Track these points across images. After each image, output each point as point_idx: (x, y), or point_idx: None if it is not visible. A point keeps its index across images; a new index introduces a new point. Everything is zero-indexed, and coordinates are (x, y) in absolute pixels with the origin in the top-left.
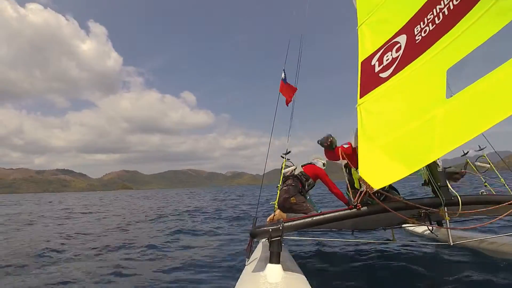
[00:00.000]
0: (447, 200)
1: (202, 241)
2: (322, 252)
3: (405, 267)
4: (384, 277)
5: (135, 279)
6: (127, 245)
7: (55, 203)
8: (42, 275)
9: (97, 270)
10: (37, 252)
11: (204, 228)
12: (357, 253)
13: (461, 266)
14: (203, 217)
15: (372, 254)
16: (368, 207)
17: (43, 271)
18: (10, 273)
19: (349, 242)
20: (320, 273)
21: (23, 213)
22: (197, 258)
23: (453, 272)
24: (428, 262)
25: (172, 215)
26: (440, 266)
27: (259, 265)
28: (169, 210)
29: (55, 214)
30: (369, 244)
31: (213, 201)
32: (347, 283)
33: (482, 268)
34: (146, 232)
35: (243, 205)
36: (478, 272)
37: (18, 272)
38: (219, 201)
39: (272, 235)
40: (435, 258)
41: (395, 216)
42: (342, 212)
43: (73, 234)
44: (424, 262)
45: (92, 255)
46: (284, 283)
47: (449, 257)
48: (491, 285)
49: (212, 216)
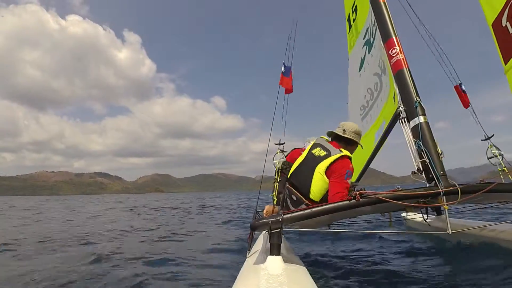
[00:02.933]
0: (446, 189)
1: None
2: (321, 243)
3: (404, 256)
4: (383, 266)
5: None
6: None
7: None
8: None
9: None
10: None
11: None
12: (356, 243)
13: (460, 254)
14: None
15: (371, 244)
16: (366, 198)
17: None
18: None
19: (348, 232)
20: (320, 264)
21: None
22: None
23: (451, 260)
24: (426, 251)
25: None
26: (439, 254)
27: (259, 257)
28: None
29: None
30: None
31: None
32: (347, 273)
33: (481, 256)
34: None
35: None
36: (477, 260)
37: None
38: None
39: (272, 227)
40: (434, 247)
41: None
42: (341, 203)
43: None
44: (422, 251)
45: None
46: (285, 274)
47: (448, 245)
48: (490, 273)
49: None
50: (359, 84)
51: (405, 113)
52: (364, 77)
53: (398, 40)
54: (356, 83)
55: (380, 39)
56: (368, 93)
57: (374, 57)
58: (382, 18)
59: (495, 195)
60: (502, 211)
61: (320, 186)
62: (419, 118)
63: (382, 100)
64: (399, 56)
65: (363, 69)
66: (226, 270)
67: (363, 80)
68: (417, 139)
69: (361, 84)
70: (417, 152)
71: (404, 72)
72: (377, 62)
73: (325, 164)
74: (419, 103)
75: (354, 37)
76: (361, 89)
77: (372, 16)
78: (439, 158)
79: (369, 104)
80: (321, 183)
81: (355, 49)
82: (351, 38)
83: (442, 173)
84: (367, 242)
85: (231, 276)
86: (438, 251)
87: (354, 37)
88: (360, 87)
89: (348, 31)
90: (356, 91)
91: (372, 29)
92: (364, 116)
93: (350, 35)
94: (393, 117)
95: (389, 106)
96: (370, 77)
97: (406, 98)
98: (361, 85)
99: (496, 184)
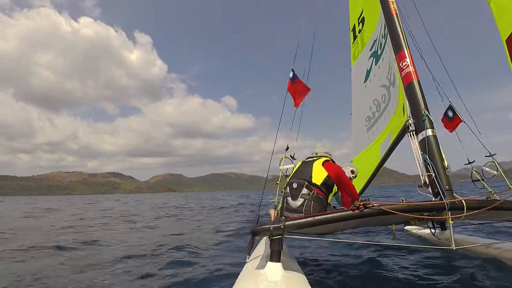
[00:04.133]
0: (451, 204)
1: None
2: (322, 252)
3: (405, 269)
4: (383, 279)
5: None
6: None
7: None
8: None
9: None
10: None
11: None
12: (357, 253)
13: (462, 272)
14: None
15: (373, 255)
16: (370, 208)
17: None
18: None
19: (349, 243)
20: (320, 272)
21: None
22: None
23: (453, 276)
24: (428, 266)
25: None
26: (441, 270)
27: (259, 263)
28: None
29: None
30: (370, 245)
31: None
32: (346, 283)
33: (483, 274)
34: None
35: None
36: (479, 277)
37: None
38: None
39: (273, 233)
40: (436, 263)
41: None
42: (344, 213)
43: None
44: (424, 266)
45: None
46: (284, 281)
47: (451, 261)
48: None
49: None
50: (364, 95)
51: (413, 126)
52: (370, 89)
53: (409, 53)
54: (361, 94)
55: (390, 52)
56: (375, 105)
57: (381, 69)
58: (394, 30)
59: (501, 213)
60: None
61: (319, 171)
62: (426, 131)
63: (390, 112)
64: (409, 69)
65: (369, 80)
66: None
67: (369, 91)
68: (424, 152)
69: (367, 95)
70: (424, 166)
71: (414, 84)
72: (385, 74)
73: (321, 160)
74: (427, 116)
75: (359, 48)
76: (366, 100)
77: (381, 28)
78: (445, 172)
79: (375, 115)
80: (319, 170)
81: (359, 60)
82: (355, 48)
83: (447, 188)
84: (368, 252)
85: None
86: (440, 266)
87: (359, 48)
88: (366, 98)
89: (352, 42)
90: (361, 102)
91: (381, 41)
92: (370, 127)
93: (354, 46)
94: (401, 130)
95: (397, 119)
96: (377, 89)
97: (415, 111)
98: (367, 96)
99: (502, 202)
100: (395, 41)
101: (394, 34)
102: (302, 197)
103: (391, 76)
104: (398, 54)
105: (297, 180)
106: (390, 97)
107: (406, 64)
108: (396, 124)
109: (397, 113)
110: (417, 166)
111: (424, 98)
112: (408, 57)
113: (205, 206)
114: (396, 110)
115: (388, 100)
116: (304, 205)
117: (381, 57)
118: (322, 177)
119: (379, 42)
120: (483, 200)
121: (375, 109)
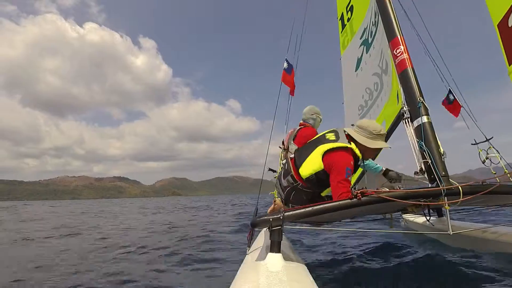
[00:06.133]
0: (448, 190)
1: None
2: (322, 241)
3: (404, 256)
4: (382, 266)
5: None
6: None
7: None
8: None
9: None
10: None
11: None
12: (356, 242)
13: (460, 256)
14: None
15: (371, 243)
16: (368, 196)
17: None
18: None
19: (348, 232)
20: (320, 261)
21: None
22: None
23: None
24: (426, 251)
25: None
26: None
27: (259, 254)
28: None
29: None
30: (368, 233)
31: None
32: (347, 271)
33: (481, 258)
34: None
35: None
36: (477, 262)
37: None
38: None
39: (273, 224)
40: (433, 248)
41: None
42: (342, 202)
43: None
44: (422, 251)
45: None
46: (285, 271)
47: (448, 246)
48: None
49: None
50: (355, 83)
51: (409, 113)
52: (361, 77)
53: (403, 39)
54: (352, 83)
55: (382, 39)
56: (367, 93)
57: (373, 57)
58: (387, 16)
59: (498, 197)
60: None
61: (312, 163)
62: (422, 118)
63: (383, 100)
64: (403, 56)
65: (360, 68)
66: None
67: (360, 80)
68: (420, 139)
69: (359, 84)
70: (420, 153)
71: (408, 71)
72: (376, 62)
73: (327, 147)
74: (422, 103)
75: (348, 37)
76: (358, 89)
77: (371, 16)
78: (441, 158)
79: (368, 104)
80: (313, 161)
81: (349, 49)
82: (344, 37)
83: (444, 174)
84: (367, 240)
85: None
86: (438, 252)
87: (349, 37)
88: (357, 87)
89: (340, 31)
90: (352, 90)
91: (371, 29)
92: (363, 115)
93: (343, 35)
94: (396, 117)
95: (390, 106)
96: (368, 77)
97: (410, 98)
98: (359, 85)
99: (499, 186)
100: (388, 28)
101: (387, 21)
102: (287, 182)
103: (383, 64)
104: (391, 41)
105: (288, 164)
106: (382, 85)
107: (400, 51)
108: (390, 112)
109: (390, 100)
110: (413, 153)
111: (419, 85)
112: (402, 44)
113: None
114: (390, 98)
115: (381, 88)
116: (284, 192)
117: (372, 45)
118: (309, 170)
119: (370, 30)
120: (479, 185)
121: (368, 97)
